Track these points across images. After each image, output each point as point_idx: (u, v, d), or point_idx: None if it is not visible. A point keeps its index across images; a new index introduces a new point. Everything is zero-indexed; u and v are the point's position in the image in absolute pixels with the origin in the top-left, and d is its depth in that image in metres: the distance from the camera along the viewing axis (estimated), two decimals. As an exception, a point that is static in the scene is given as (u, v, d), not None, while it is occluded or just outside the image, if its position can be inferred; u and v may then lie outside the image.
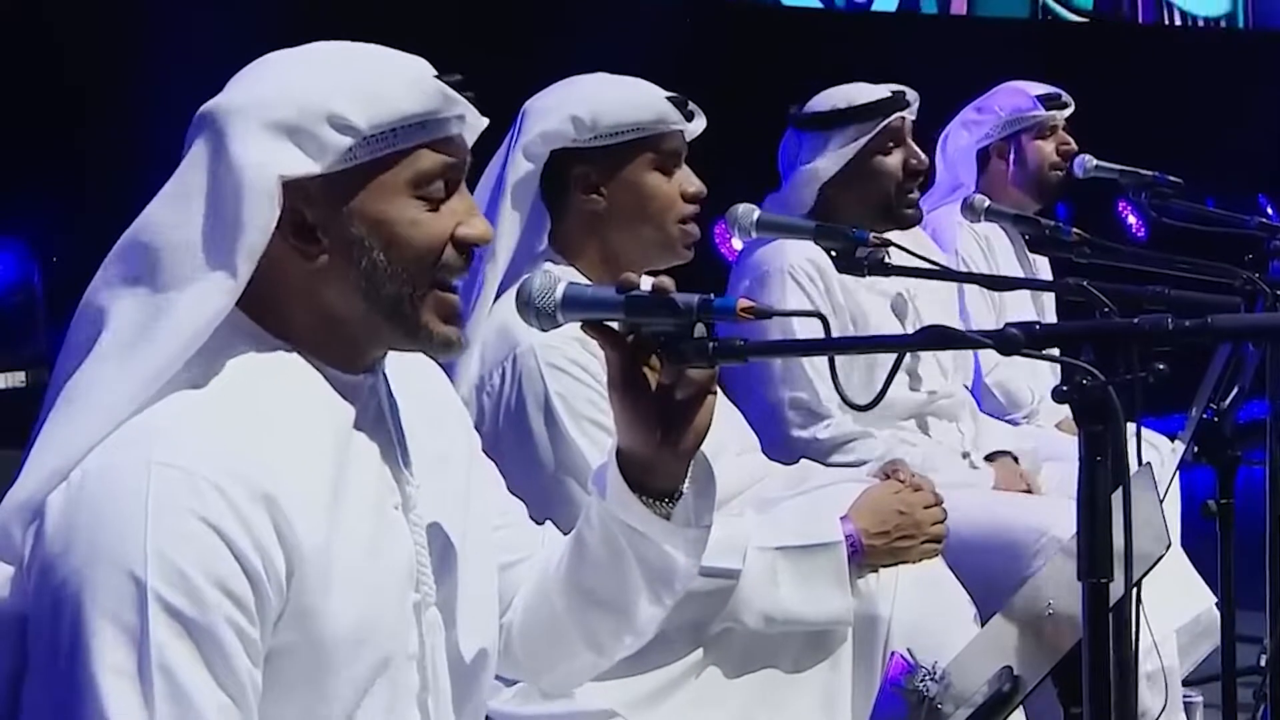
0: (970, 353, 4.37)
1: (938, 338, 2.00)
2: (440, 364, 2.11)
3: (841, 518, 3.05)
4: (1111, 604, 1.93)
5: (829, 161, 3.93)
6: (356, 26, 1.97)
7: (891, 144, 3.97)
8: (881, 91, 3.98)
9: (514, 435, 2.88)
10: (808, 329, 3.40)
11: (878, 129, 3.94)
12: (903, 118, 3.99)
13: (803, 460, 3.46)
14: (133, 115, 4.91)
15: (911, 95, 4.04)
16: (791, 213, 3.87)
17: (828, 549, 2.98)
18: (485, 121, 1.94)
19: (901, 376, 3.88)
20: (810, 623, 2.96)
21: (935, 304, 4.04)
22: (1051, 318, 4.64)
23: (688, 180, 3.02)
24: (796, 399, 3.75)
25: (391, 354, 1.95)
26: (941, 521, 3.15)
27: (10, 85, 4.98)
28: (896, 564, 3.06)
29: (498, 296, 2.94)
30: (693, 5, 7.07)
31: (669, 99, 3.00)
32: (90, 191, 5.03)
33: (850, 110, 3.95)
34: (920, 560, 3.09)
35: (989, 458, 4.04)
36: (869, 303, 3.87)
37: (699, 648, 2.94)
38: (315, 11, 5.06)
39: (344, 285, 1.86)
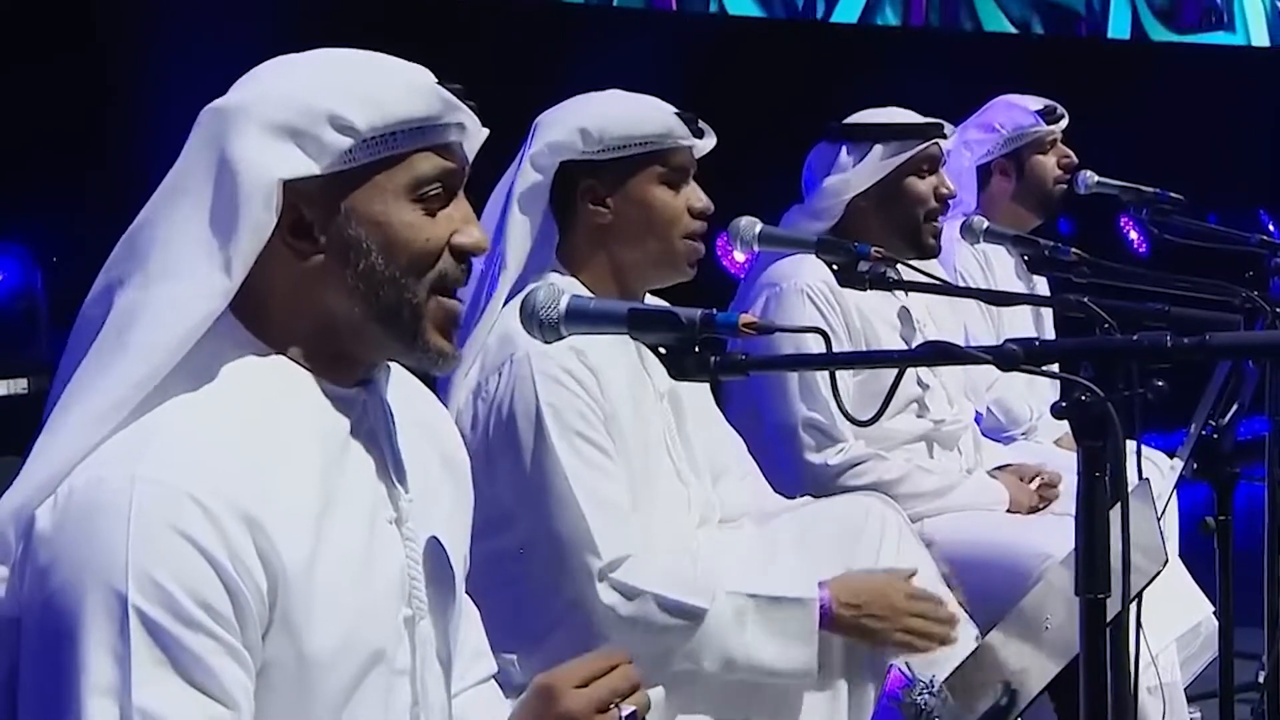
0: (978, 380, 4.36)
1: (938, 353, 2.01)
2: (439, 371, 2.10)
3: (820, 583, 2.97)
4: (1109, 619, 1.94)
5: (864, 174, 3.89)
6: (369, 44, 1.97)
7: (925, 169, 3.93)
8: (922, 117, 3.95)
9: (503, 440, 2.87)
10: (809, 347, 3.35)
11: (916, 150, 3.90)
12: (939, 145, 3.97)
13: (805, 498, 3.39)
14: (135, 120, 4.92)
15: (949, 128, 4.02)
16: (816, 224, 3.84)
17: (800, 604, 2.92)
18: (485, 132, 1.94)
19: (910, 406, 3.87)
20: (772, 671, 2.91)
21: (945, 330, 4.01)
22: (1051, 335, 4.63)
23: (695, 196, 3.01)
24: (811, 419, 3.70)
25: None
26: (927, 619, 2.99)
27: (12, 92, 4.98)
28: (868, 643, 2.95)
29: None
30: (705, 23, 7.10)
31: (678, 115, 3.00)
32: (93, 197, 5.03)
33: (894, 126, 3.92)
34: (896, 649, 2.94)
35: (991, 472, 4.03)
36: (883, 328, 3.85)
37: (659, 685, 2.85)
38: (329, 24, 5.06)
39: (340, 287, 1.86)
